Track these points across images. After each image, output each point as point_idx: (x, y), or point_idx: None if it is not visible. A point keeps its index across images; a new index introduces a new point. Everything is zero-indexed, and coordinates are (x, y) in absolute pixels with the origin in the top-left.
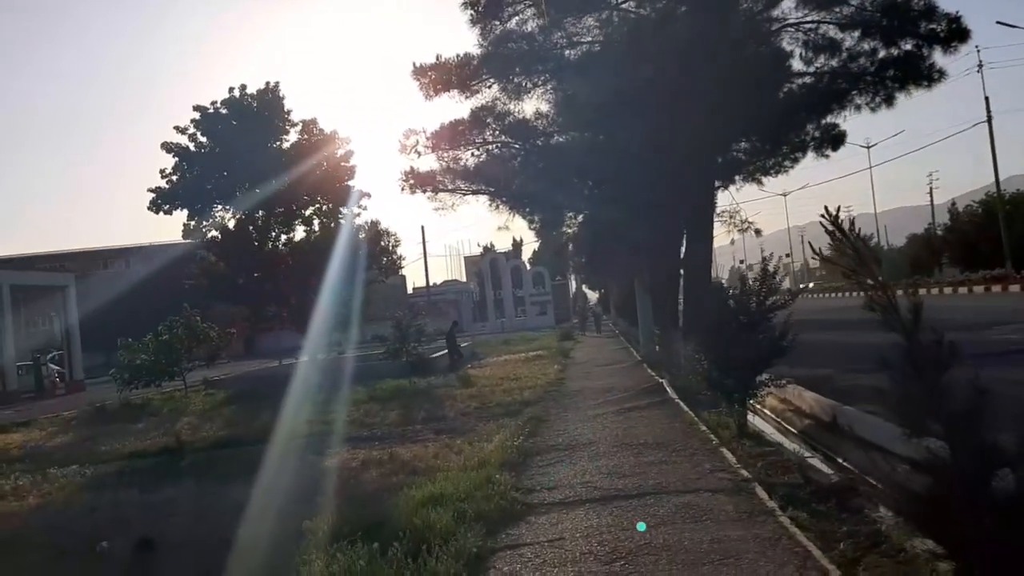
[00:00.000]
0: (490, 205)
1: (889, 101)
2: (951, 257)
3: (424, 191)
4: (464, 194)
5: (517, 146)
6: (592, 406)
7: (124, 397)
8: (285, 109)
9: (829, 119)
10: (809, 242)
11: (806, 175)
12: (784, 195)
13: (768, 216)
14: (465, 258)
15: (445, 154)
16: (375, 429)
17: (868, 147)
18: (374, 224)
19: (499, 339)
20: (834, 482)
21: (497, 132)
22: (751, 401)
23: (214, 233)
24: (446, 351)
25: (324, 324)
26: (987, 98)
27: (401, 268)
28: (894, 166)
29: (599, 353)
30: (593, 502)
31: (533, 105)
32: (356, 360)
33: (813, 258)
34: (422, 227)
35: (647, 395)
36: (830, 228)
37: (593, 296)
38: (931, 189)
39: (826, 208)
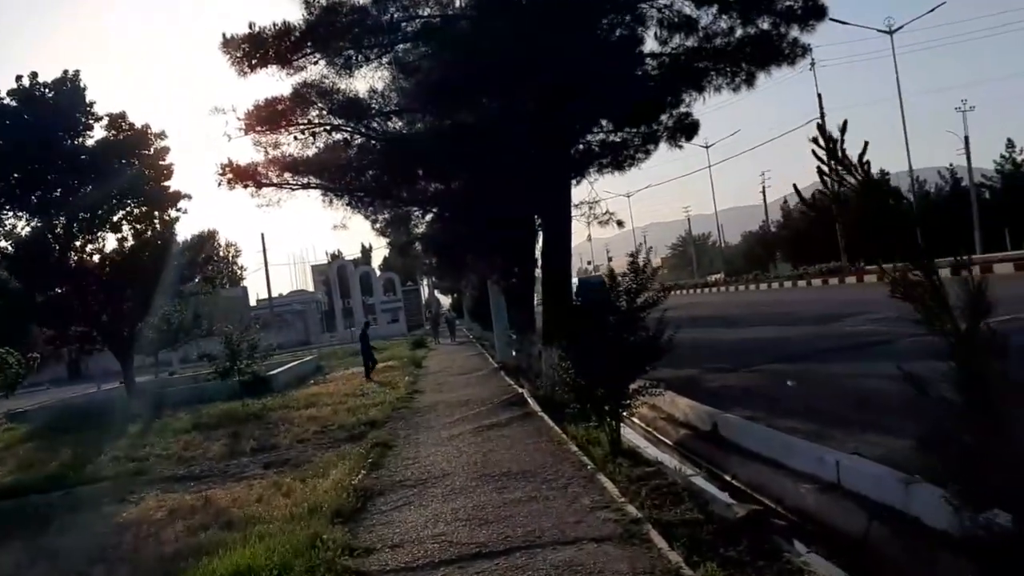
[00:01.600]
0: (324, 201)
1: (750, 81)
2: (784, 253)
3: (245, 186)
4: (292, 188)
5: (348, 128)
6: (447, 424)
7: None
8: (87, 101)
9: (686, 104)
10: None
11: (647, 176)
12: (628, 196)
13: (608, 223)
14: (312, 266)
15: (263, 138)
16: (194, 465)
17: (707, 147)
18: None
19: (348, 350)
20: (738, 516)
21: (324, 112)
22: (624, 413)
23: (2, 244)
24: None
25: (146, 344)
26: (820, 95)
27: (242, 279)
28: (728, 167)
29: (453, 361)
30: (449, 564)
31: (366, 83)
32: (184, 381)
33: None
34: (262, 234)
35: (507, 408)
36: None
37: (446, 301)
38: (764, 188)
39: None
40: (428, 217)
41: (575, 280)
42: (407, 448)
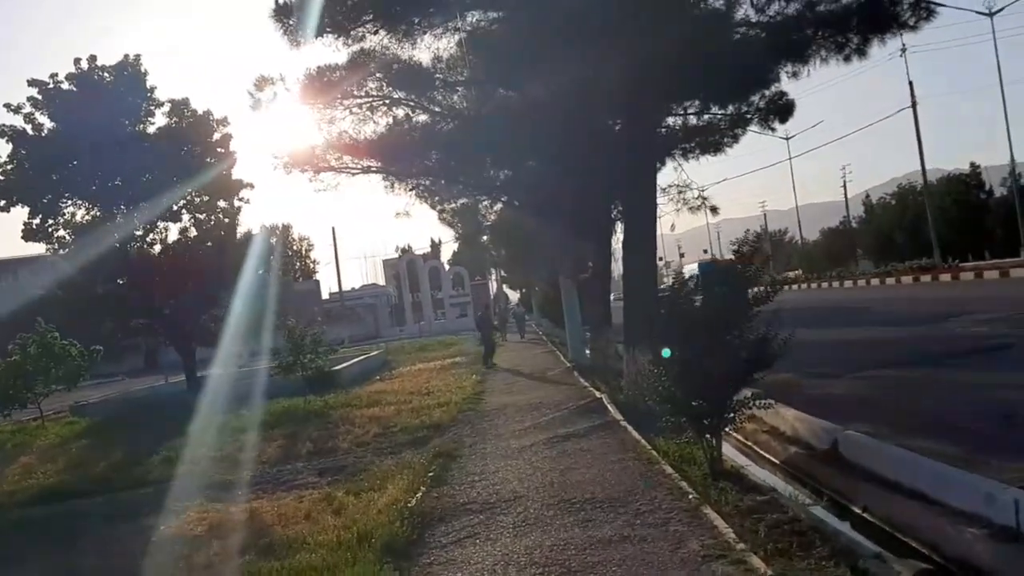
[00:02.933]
0: (386, 186)
1: (862, 50)
2: (866, 249)
3: (302, 170)
4: (352, 173)
5: (410, 102)
6: (517, 432)
7: None
8: (148, 86)
9: (787, 76)
10: None
11: (720, 170)
12: (702, 190)
13: (683, 214)
14: (383, 261)
15: (316, 113)
16: (246, 470)
17: (787, 138)
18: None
19: (416, 344)
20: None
21: (384, 84)
22: (729, 428)
23: (61, 233)
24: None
25: (214, 336)
26: (911, 83)
27: (315, 273)
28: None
29: (523, 359)
30: None
31: (430, 53)
32: (251, 376)
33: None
34: (332, 228)
35: (585, 415)
36: None
37: (514, 296)
38: (845, 182)
39: None
40: (497, 207)
41: (693, 267)
42: (473, 460)
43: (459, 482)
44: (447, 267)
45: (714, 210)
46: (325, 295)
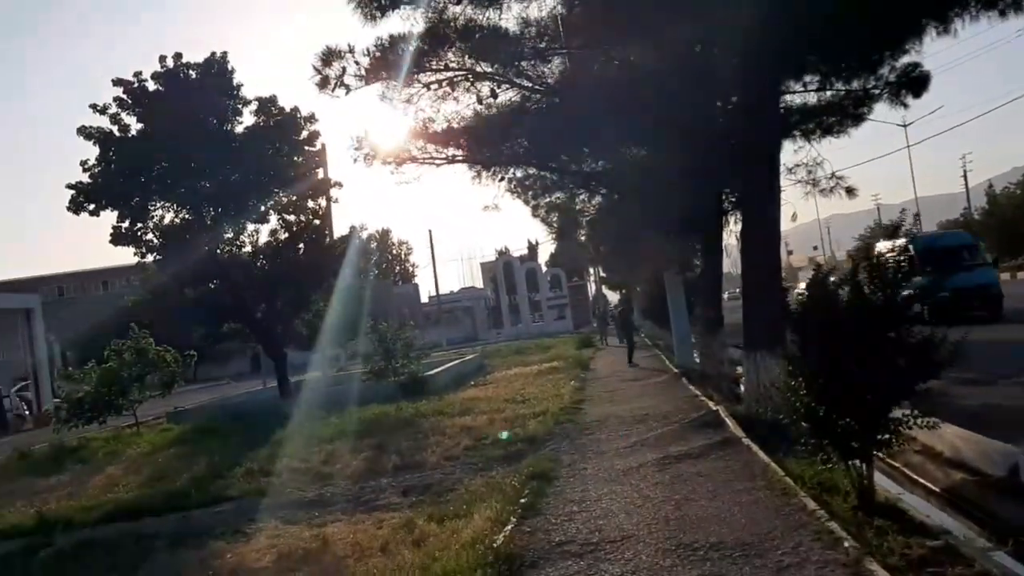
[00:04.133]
0: (472, 176)
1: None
2: (989, 242)
3: (384, 162)
4: (436, 164)
5: (495, 76)
6: (622, 450)
7: (60, 438)
8: (235, 84)
9: (929, 39)
10: None
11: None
12: (814, 184)
13: (787, 209)
14: (481, 264)
15: (387, 87)
16: (328, 486)
17: (905, 126)
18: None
19: (513, 347)
20: None
21: (465, 54)
22: (883, 452)
23: (150, 237)
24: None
25: (307, 341)
26: None
27: (414, 276)
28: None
29: (624, 363)
30: None
31: (516, 22)
32: (345, 381)
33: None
34: (429, 231)
35: (699, 431)
36: None
37: (614, 298)
38: (964, 172)
39: None
40: (596, 200)
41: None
42: (571, 483)
43: (555, 512)
44: (544, 268)
45: (850, 191)
46: (424, 298)
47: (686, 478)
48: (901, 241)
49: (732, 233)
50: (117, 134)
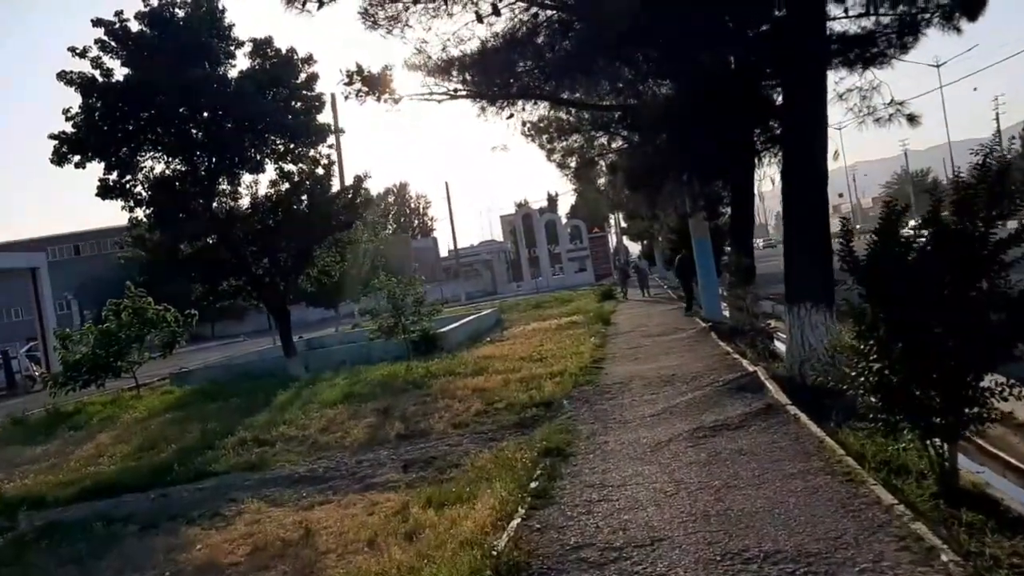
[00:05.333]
0: (476, 111)
1: None
2: None
3: (377, 97)
4: (438, 100)
5: None
6: (648, 418)
7: (56, 402)
8: (226, 24)
9: None
10: None
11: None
12: (839, 128)
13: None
14: (501, 217)
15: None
16: (323, 457)
17: (938, 65)
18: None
19: (532, 301)
20: None
21: None
22: (972, 429)
23: (139, 189)
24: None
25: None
26: None
27: (432, 230)
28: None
29: (649, 317)
30: None
31: None
32: (354, 339)
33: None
34: (446, 183)
35: (736, 395)
36: None
37: (635, 249)
38: (997, 114)
39: None
40: (616, 144)
41: None
42: (590, 461)
43: (570, 501)
44: (564, 220)
45: (912, 120)
46: (444, 252)
47: (725, 456)
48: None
49: (764, 178)
50: (100, 79)
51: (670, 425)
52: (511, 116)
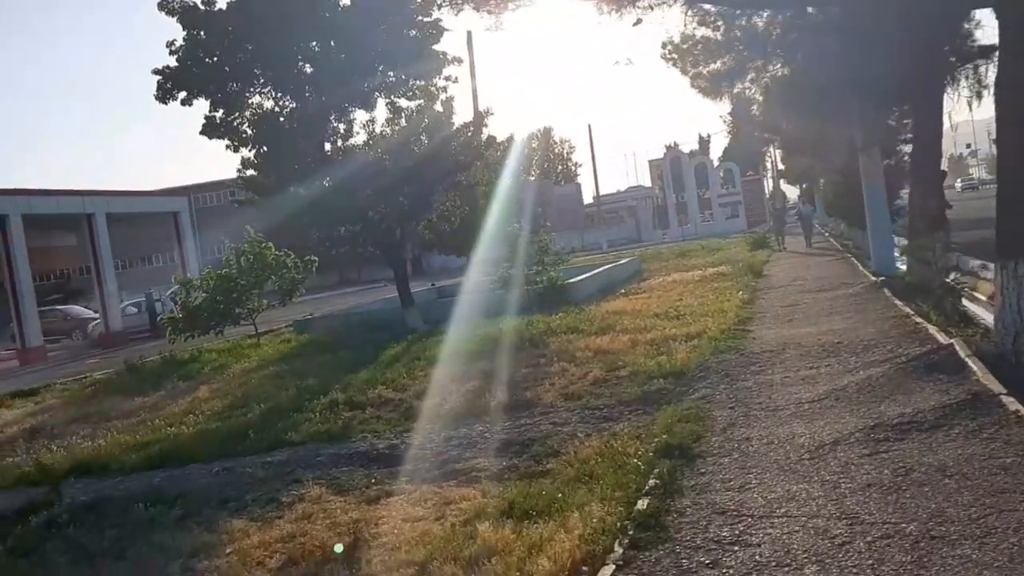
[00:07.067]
0: (595, 10)
1: None
2: None
3: (478, 6)
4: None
5: None
6: (805, 408)
7: (173, 348)
8: None
9: None
10: None
11: None
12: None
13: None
14: (649, 161)
15: None
16: (410, 430)
17: None
18: (546, 131)
19: (676, 250)
20: None
21: None
22: None
23: (245, 127)
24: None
25: (432, 246)
26: None
27: (577, 175)
28: None
29: (807, 269)
30: None
31: None
32: (477, 290)
33: None
34: (588, 126)
35: (924, 378)
36: None
37: (793, 193)
38: None
39: None
40: (773, 67)
41: None
42: (724, 467)
43: (689, 540)
44: (716, 163)
45: None
46: (588, 199)
47: (920, 476)
48: None
49: (959, 98)
50: (202, 7)
51: (836, 417)
52: (638, 22)
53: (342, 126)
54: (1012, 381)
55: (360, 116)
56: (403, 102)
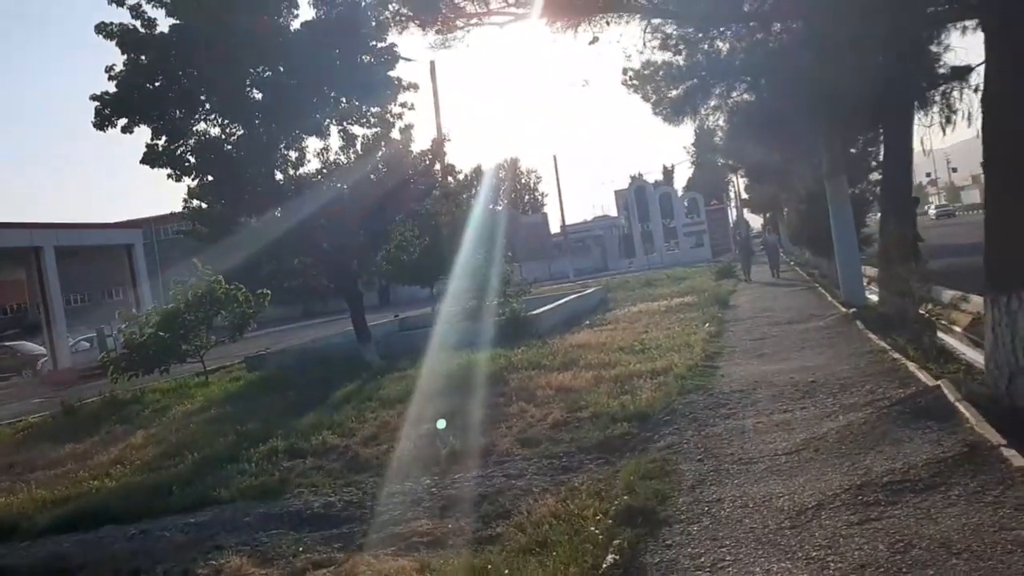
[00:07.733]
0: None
1: None
2: None
3: (424, 25)
4: (499, 22)
5: None
6: (781, 461)
7: (115, 388)
8: None
9: None
10: None
11: None
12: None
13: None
14: (615, 192)
15: None
16: (350, 484)
17: None
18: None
19: (642, 279)
20: None
21: None
22: None
23: (189, 155)
24: None
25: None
26: None
27: (543, 205)
28: None
29: (774, 300)
30: None
31: None
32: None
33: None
34: (554, 157)
35: (912, 425)
36: None
37: (757, 222)
38: None
39: None
40: (736, 94)
41: None
42: (692, 538)
43: None
44: (680, 193)
45: None
46: (555, 228)
47: (922, 555)
48: None
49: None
50: (142, 30)
51: (817, 473)
52: (595, 40)
53: (294, 154)
54: (1010, 429)
55: (313, 144)
56: (357, 129)
